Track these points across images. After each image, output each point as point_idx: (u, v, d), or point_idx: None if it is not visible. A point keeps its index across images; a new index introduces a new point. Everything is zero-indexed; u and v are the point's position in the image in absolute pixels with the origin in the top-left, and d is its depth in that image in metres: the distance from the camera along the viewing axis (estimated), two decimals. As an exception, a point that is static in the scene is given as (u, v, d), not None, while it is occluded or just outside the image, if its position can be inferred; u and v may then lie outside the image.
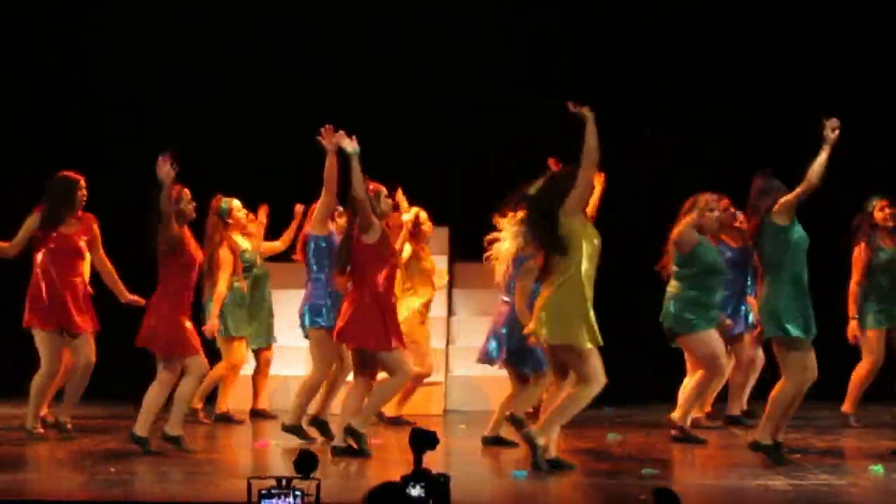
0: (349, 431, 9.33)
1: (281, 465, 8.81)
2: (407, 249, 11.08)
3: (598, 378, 8.70)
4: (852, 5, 13.31)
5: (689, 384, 10.29)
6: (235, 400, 11.77)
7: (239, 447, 10.37)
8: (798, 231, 9.09)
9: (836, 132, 8.97)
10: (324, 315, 9.97)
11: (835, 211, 11.08)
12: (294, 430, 10.04)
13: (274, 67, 13.41)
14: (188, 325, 9.45)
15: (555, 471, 8.62)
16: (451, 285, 13.25)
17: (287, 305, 11.36)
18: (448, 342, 12.98)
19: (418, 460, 5.77)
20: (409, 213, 11.00)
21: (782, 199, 9.05)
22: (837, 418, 11.08)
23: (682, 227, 10.11)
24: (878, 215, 11.13)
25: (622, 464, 9.24)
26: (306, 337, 10.15)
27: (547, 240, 8.74)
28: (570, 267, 8.65)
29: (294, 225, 11.67)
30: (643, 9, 13.57)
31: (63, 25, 13.44)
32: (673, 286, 10.17)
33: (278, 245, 11.86)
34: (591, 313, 8.69)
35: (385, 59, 13.40)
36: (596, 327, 8.71)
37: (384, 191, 9.78)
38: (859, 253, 11.10)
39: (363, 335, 9.41)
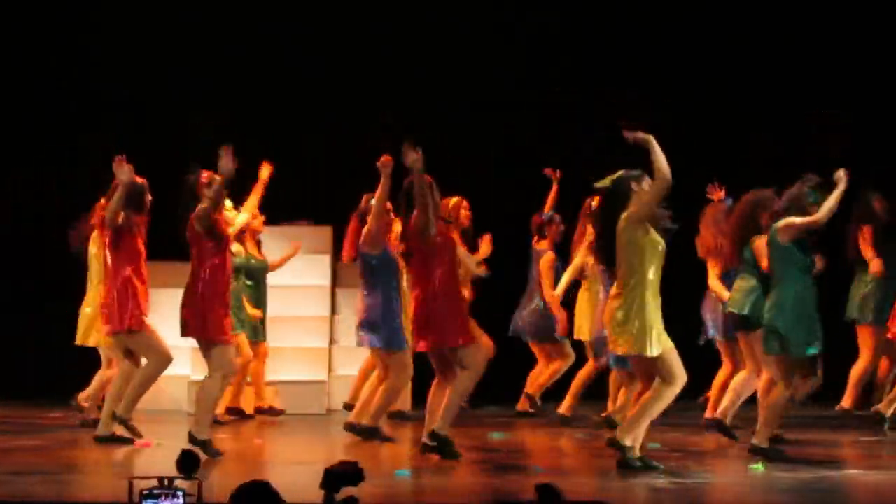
0: (433, 436, 9.19)
1: (163, 465, 8.73)
2: None
3: (678, 377, 8.62)
4: (850, 5, 13.33)
5: (737, 380, 10.13)
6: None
7: (122, 446, 10.12)
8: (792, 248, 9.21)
9: (846, 179, 9.12)
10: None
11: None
12: (370, 431, 10.09)
13: (274, 67, 13.41)
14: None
15: (644, 470, 8.57)
16: (333, 284, 13.22)
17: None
18: (331, 342, 12.93)
19: (330, 500, 5.51)
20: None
21: (789, 221, 9.12)
22: None
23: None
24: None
25: (507, 461, 9.34)
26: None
27: (601, 248, 8.77)
28: (632, 276, 8.57)
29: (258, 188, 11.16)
30: (643, 9, 13.57)
31: (63, 25, 13.43)
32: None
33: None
34: (656, 320, 8.57)
35: (385, 59, 13.39)
36: (661, 332, 8.58)
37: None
38: None
39: (443, 334, 9.20)
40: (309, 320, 12.54)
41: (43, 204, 12.99)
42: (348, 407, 11.43)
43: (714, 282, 10.51)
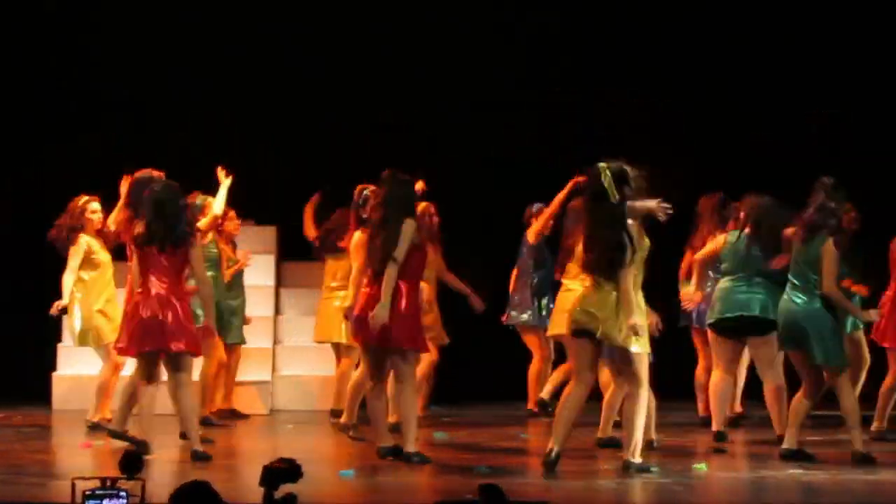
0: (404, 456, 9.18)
1: (106, 466, 8.61)
2: None
3: (644, 379, 8.68)
4: (849, 5, 13.33)
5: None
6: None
7: (64, 447, 10.21)
8: None
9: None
10: None
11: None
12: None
13: (274, 67, 13.40)
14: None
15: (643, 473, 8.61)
16: (277, 284, 13.22)
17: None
18: (275, 342, 12.92)
19: (269, 497, 5.59)
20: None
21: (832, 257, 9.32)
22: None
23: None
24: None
25: (451, 461, 9.30)
26: None
27: (611, 238, 8.67)
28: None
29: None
30: (643, 9, 13.57)
31: (63, 25, 13.43)
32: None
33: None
34: (641, 317, 8.64)
35: (385, 59, 13.39)
36: (645, 331, 8.68)
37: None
38: None
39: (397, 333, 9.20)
40: (253, 320, 12.25)
41: (43, 204, 12.97)
42: (335, 413, 11.42)
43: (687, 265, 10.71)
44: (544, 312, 11.59)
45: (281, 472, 5.63)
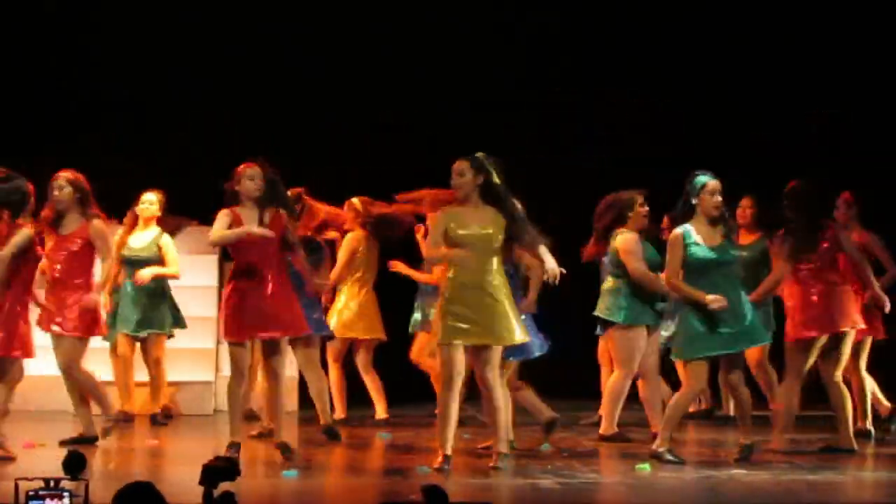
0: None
1: (49, 467, 8.66)
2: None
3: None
4: (849, 5, 13.35)
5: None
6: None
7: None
8: None
9: None
10: None
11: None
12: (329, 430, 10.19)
13: (274, 67, 13.41)
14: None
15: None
16: (220, 284, 12.92)
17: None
18: (218, 341, 12.78)
19: (209, 496, 5.65)
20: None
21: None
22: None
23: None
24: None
25: (394, 462, 9.35)
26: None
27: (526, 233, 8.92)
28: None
29: None
30: (643, 9, 13.58)
31: (63, 25, 13.43)
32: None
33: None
34: None
35: (385, 59, 13.40)
36: None
37: None
38: None
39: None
40: (196, 320, 12.22)
41: (42, 204, 12.96)
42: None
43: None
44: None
45: (219, 470, 5.72)
